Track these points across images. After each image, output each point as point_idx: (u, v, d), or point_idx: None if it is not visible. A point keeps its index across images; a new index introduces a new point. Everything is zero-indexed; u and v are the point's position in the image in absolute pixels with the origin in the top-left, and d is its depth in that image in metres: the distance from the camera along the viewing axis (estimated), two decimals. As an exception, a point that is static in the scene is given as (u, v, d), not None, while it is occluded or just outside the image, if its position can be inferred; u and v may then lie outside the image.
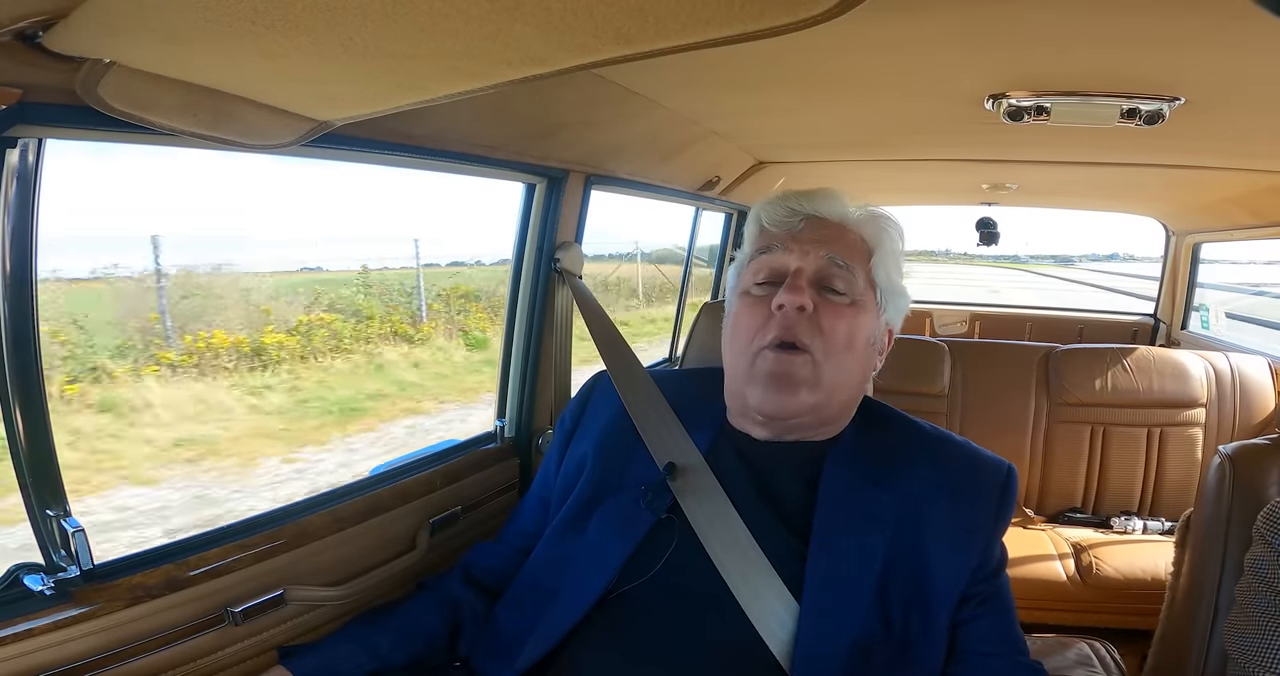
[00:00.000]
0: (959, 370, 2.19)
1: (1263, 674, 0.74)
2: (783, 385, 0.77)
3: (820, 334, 0.77)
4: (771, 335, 0.78)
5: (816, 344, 0.77)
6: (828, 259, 0.79)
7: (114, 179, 7.64)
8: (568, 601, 0.79)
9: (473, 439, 1.39)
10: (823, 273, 0.79)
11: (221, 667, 0.87)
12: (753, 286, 0.82)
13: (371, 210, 10.60)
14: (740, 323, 0.81)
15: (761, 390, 0.78)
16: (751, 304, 0.81)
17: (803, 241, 0.80)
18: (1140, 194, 2.46)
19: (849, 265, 0.80)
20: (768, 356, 0.78)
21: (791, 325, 0.77)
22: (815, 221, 0.82)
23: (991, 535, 0.80)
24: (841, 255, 0.80)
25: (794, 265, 0.79)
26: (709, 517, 0.79)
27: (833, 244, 0.80)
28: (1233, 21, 0.76)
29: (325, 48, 0.52)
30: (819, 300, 0.78)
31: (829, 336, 0.77)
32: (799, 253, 0.80)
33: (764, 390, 0.78)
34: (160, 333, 5.75)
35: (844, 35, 0.87)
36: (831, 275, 0.79)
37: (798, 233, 0.81)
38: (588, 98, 1.15)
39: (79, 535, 0.76)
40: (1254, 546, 0.81)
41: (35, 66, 0.60)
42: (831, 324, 0.78)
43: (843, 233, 0.82)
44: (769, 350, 0.78)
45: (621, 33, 0.46)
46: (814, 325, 0.77)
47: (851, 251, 0.81)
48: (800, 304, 0.76)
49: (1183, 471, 2.07)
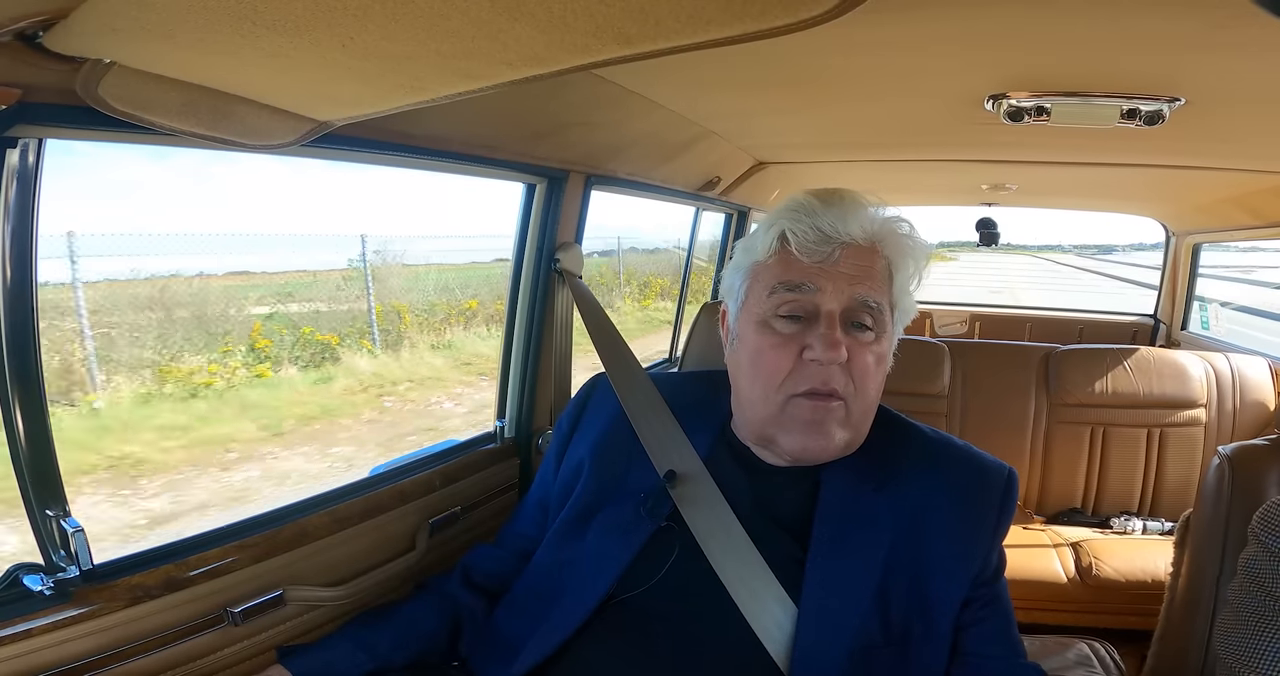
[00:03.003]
0: (959, 370, 2.19)
1: (1249, 674, 0.74)
2: (820, 433, 0.76)
3: (853, 380, 0.75)
4: (807, 386, 0.75)
5: (850, 390, 0.75)
6: (860, 300, 0.75)
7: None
8: (568, 606, 0.79)
9: (472, 439, 1.39)
10: (852, 310, 0.76)
11: (221, 667, 0.87)
12: (775, 319, 0.77)
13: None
14: (763, 361, 0.77)
15: (794, 437, 0.77)
16: (778, 343, 0.76)
17: (835, 278, 0.75)
18: (1140, 194, 2.46)
19: (880, 304, 0.76)
20: (802, 404, 0.75)
21: (828, 378, 0.74)
22: (850, 249, 0.76)
23: (993, 539, 0.80)
24: (873, 293, 0.76)
25: (825, 307, 0.75)
26: (709, 525, 0.79)
27: (864, 281, 0.76)
28: (1233, 21, 0.76)
29: (325, 48, 0.52)
30: (849, 342, 0.75)
31: (860, 379, 0.75)
32: (833, 291, 0.75)
33: (798, 437, 0.77)
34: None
35: (844, 35, 0.87)
36: (861, 313, 0.76)
37: (830, 266, 0.75)
38: (588, 98, 1.15)
39: (79, 535, 0.76)
40: (1248, 546, 0.81)
41: (35, 66, 0.60)
42: (862, 366, 0.75)
43: (872, 260, 0.77)
44: (804, 398, 0.75)
45: (621, 33, 0.46)
46: (846, 371, 0.75)
47: (880, 283, 0.77)
48: (841, 360, 0.74)
49: (1182, 472, 2.07)
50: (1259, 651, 0.74)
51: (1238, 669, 0.76)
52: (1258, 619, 0.76)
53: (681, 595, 0.77)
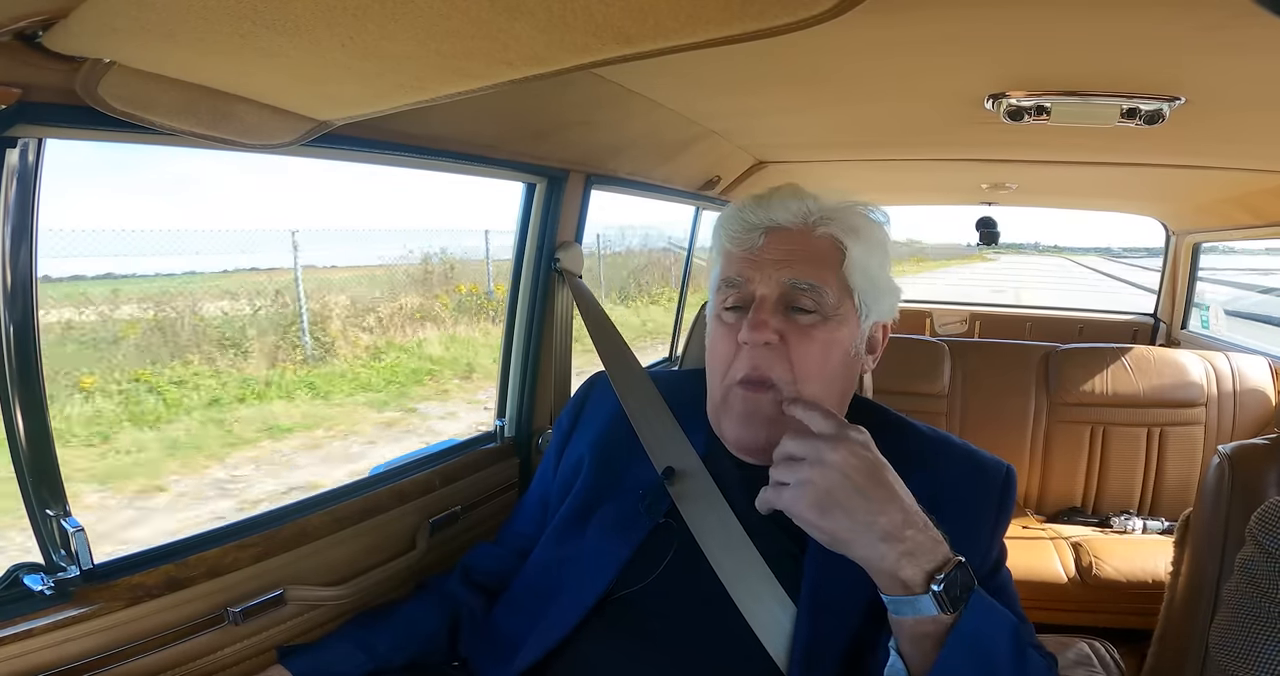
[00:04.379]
0: (959, 370, 2.19)
1: (1243, 674, 0.74)
2: (754, 423, 0.77)
3: (790, 365, 0.75)
4: (741, 373, 0.76)
5: (786, 378, 0.75)
6: (790, 284, 0.75)
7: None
8: (567, 604, 0.79)
9: (472, 438, 1.40)
10: (788, 295, 0.76)
11: (221, 667, 0.88)
12: (723, 312, 0.79)
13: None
14: (715, 350, 0.80)
15: (734, 426, 0.78)
16: (724, 333, 0.78)
17: (763, 264, 0.76)
18: (1140, 194, 2.46)
19: (814, 285, 0.76)
20: (737, 394, 0.77)
21: (758, 363, 0.75)
22: (776, 234, 0.77)
23: (992, 536, 0.80)
24: (805, 275, 0.75)
25: (758, 292, 0.76)
26: (707, 521, 0.79)
27: (795, 263, 0.76)
28: (1233, 21, 0.76)
29: (325, 48, 0.52)
30: (786, 325, 0.75)
31: (800, 364, 0.75)
32: (760, 278, 0.76)
33: (737, 426, 0.78)
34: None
35: (844, 35, 0.87)
36: (797, 296, 0.76)
37: (757, 252, 0.77)
38: (588, 98, 1.15)
39: (79, 535, 0.76)
40: (1245, 547, 0.82)
41: (35, 66, 0.60)
42: (803, 350, 0.75)
43: (806, 242, 0.77)
44: (738, 387, 0.76)
45: (621, 33, 0.46)
46: (783, 357, 0.74)
47: (817, 264, 0.76)
48: (764, 340, 0.74)
49: (1182, 471, 2.08)
50: (1253, 652, 0.74)
51: (1233, 669, 0.76)
52: (1253, 619, 0.76)
53: (680, 592, 0.77)
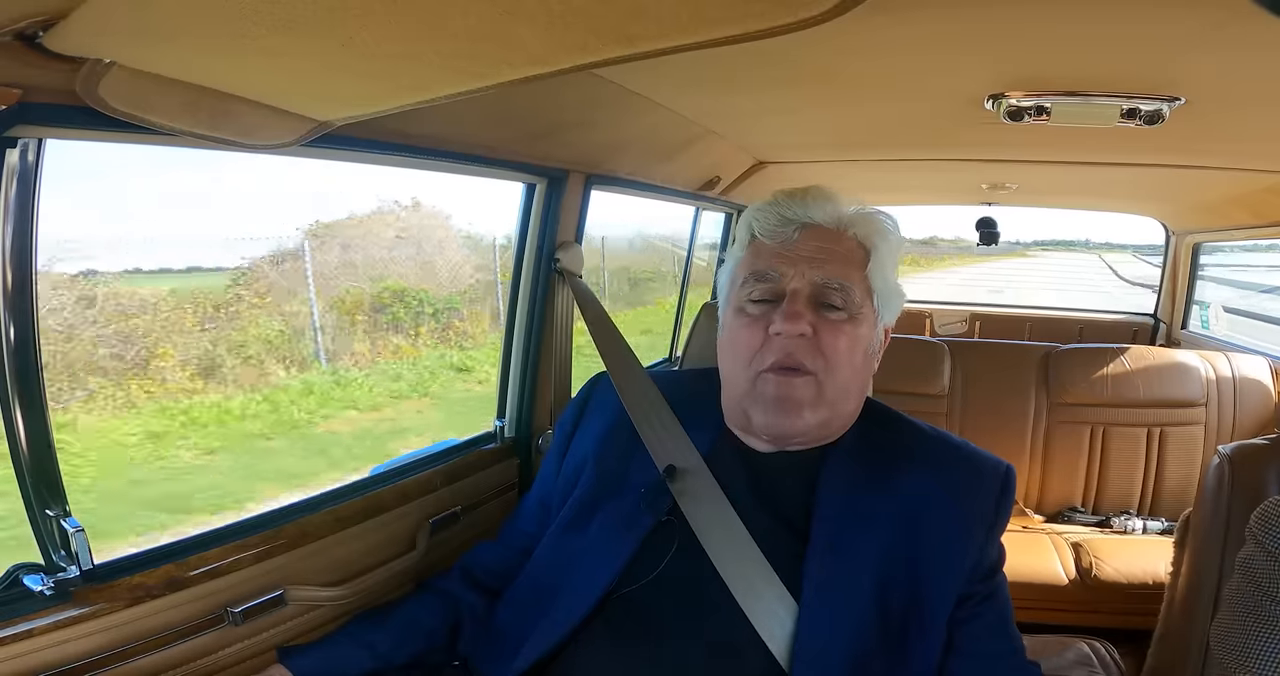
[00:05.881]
0: (959, 370, 2.19)
1: (1242, 674, 0.74)
2: (788, 407, 0.77)
3: (821, 355, 0.76)
4: (772, 359, 0.77)
5: (819, 365, 0.76)
6: (822, 282, 0.77)
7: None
8: (568, 602, 0.79)
9: (473, 438, 1.39)
10: (819, 292, 0.78)
11: (221, 667, 0.87)
12: (748, 304, 0.80)
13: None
14: (737, 341, 0.80)
15: (766, 412, 0.78)
16: (749, 323, 0.79)
17: (797, 261, 0.78)
18: (1140, 194, 2.46)
19: (846, 285, 0.78)
20: (769, 379, 0.77)
21: (792, 351, 0.76)
22: (811, 231, 0.80)
23: (989, 535, 0.80)
24: (837, 274, 0.78)
25: (790, 286, 0.78)
26: (709, 519, 0.79)
27: (829, 262, 0.78)
28: (1233, 21, 0.76)
29: (325, 48, 0.52)
30: (817, 320, 0.77)
31: (830, 356, 0.76)
32: (794, 274, 0.78)
33: (768, 412, 0.78)
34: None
35: (844, 35, 0.87)
36: (828, 294, 0.78)
37: (793, 247, 0.79)
38: (588, 98, 1.15)
39: (79, 535, 0.76)
40: (1245, 546, 0.82)
41: (35, 66, 0.60)
42: (832, 343, 0.76)
43: (839, 241, 0.80)
44: (770, 373, 0.77)
45: (622, 33, 0.46)
46: (814, 347, 0.76)
47: (848, 264, 0.79)
48: (800, 331, 0.75)
49: (1182, 471, 2.07)
50: (1254, 651, 0.74)
51: (1233, 668, 0.76)
52: (1254, 618, 0.76)
53: (682, 590, 0.77)
